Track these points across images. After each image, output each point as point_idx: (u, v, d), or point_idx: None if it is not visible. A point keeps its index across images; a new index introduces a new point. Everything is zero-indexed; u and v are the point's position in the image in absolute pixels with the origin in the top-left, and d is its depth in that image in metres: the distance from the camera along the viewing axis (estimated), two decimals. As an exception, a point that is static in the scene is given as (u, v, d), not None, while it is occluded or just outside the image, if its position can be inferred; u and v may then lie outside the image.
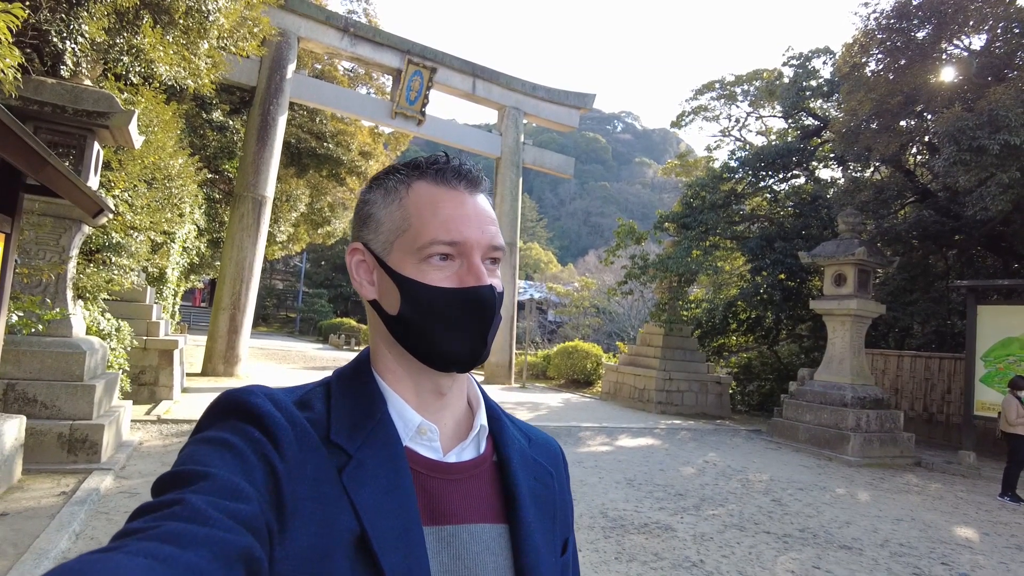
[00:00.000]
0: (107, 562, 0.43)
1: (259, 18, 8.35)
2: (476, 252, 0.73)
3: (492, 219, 0.76)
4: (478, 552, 0.70)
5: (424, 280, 0.72)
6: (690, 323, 15.63)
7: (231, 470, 0.57)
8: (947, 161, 9.34)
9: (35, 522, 4.26)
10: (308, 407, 0.71)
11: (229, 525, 0.51)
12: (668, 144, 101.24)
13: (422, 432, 0.73)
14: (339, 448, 0.67)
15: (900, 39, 10.62)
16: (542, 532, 0.76)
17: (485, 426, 0.80)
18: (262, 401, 0.66)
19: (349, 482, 0.65)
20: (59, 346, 5.81)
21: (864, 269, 11.15)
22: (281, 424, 0.64)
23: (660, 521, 5.80)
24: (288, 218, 19.04)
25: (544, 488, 0.81)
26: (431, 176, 0.74)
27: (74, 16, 5.82)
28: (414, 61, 15.66)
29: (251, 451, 0.60)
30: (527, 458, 0.81)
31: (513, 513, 0.74)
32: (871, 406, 10.62)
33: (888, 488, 8.13)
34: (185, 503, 0.51)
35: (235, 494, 0.55)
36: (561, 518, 0.82)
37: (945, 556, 5.42)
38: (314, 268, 44.76)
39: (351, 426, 0.70)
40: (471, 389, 0.84)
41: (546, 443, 0.89)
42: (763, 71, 17.91)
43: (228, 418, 0.65)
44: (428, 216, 0.72)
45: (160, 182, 7.82)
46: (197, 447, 0.61)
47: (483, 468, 0.77)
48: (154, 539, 0.47)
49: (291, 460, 0.62)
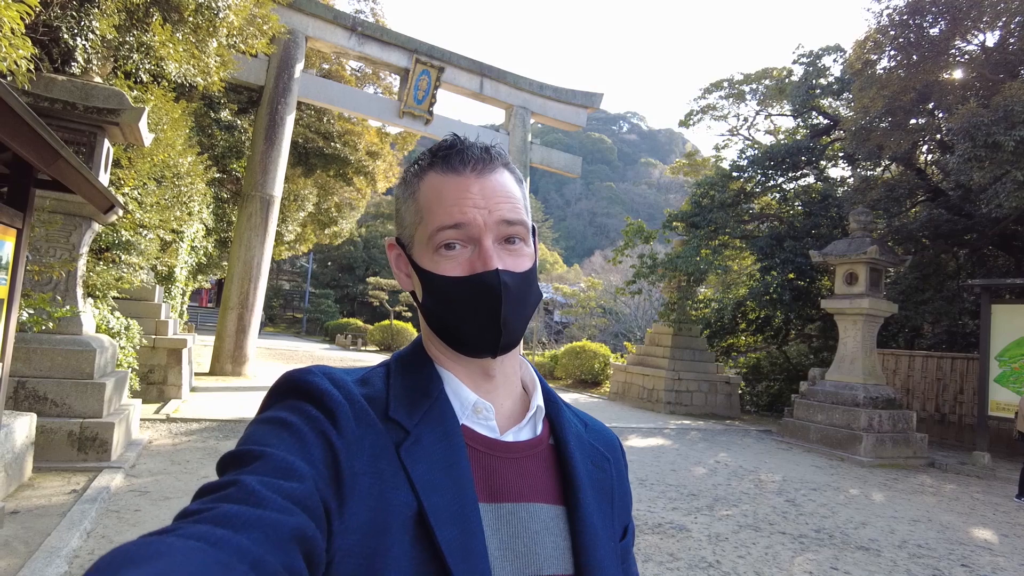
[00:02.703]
0: (161, 544, 0.43)
1: (268, 15, 8.32)
2: (486, 234, 0.72)
3: (506, 195, 0.74)
4: (537, 531, 0.70)
5: (436, 270, 0.72)
6: (699, 323, 15.53)
7: (287, 449, 0.59)
8: (961, 157, 9.24)
9: (46, 520, 4.23)
10: (368, 384, 0.72)
11: (282, 505, 0.51)
12: (674, 144, 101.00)
13: (477, 411, 0.74)
14: (397, 424, 0.68)
15: (913, 35, 10.51)
16: (600, 515, 0.75)
17: (542, 407, 0.80)
18: (320, 380, 0.67)
19: (407, 457, 0.65)
20: (69, 344, 5.79)
21: (876, 268, 11.04)
22: (339, 401, 0.65)
23: (674, 521, 5.73)
24: (296, 218, 19.05)
25: (601, 472, 0.80)
26: (440, 165, 0.74)
27: (85, 13, 5.80)
28: (422, 60, 15.64)
29: (309, 428, 0.61)
30: (584, 442, 0.81)
31: (571, 494, 0.74)
32: (883, 406, 10.51)
33: (902, 489, 8.04)
34: (240, 484, 0.52)
35: (289, 473, 0.55)
36: (620, 504, 0.81)
37: (965, 558, 5.34)
38: (321, 268, 44.80)
39: (409, 403, 0.71)
40: (526, 372, 0.84)
41: (602, 431, 0.88)
42: (772, 69, 17.79)
43: (287, 397, 0.66)
44: (435, 206, 0.73)
45: (169, 180, 7.80)
46: (257, 427, 0.63)
47: (540, 449, 0.77)
48: (208, 522, 0.48)
49: (349, 436, 0.63)
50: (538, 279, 0.79)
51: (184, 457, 6.53)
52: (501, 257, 0.72)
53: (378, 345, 30.08)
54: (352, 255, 42.82)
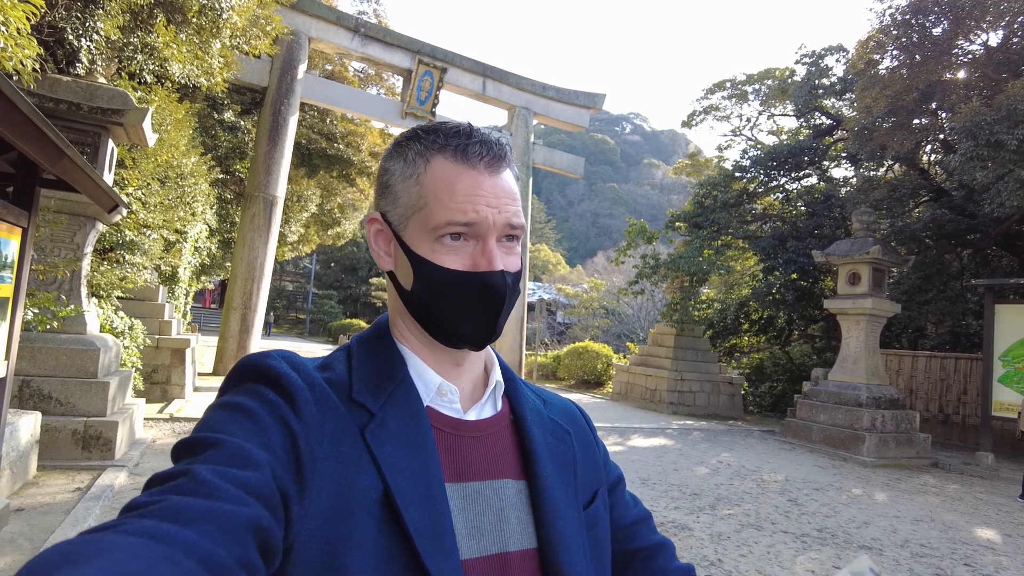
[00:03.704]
0: (101, 542, 0.41)
1: (272, 16, 8.36)
2: (492, 233, 0.71)
3: (513, 196, 0.74)
4: (502, 507, 0.70)
5: (437, 261, 0.71)
6: (702, 323, 15.53)
7: (244, 435, 0.57)
8: (964, 157, 9.23)
9: (50, 517, 4.26)
10: (329, 368, 0.71)
11: (236, 495, 0.50)
12: (677, 145, 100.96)
13: (442, 393, 0.74)
14: (361, 407, 0.67)
15: (916, 35, 10.50)
16: (562, 487, 0.76)
17: (501, 382, 0.81)
18: (278, 363, 0.66)
19: (372, 439, 0.65)
20: (74, 343, 5.82)
21: (879, 268, 11.03)
22: (298, 384, 0.64)
23: (676, 520, 5.74)
24: (299, 219, 19.09)
25: (560, 444, 0.81)
26: (451, 152, 0.72)
27: (90, 14, 5.84)
28: (424, 61, 15.67)
29: (267, 413, 0.61)
30: (542, 416, 0.82)
31: (530, 468, 0.75)
32: (886, 406, 10.50)
33: (905, 489, 8.02)
34: (191, 474, 0.51)
35: (245, 461, 0.54)
36: (585, 472, 0.81)
37: (968, 557, 5.33)
38: (324, 269, 44.87)
39: (374, 386, 0.70)
40: (486, 352, 0.85)
41: (563, 405, 0.89)
42: (775, 70, 17.79)
43: (245, 381, 0.65)
44: (445, 197, 0.70)
45: (173, 180, 7.84)
46: (214, 413, 0.61)
47: (502, 426, 0.77)
48: (155, 515, 0.46)
49: (309, 420, 0.62)
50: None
51: (188, 456, 6.55)
52: (501, 257, 0.72)
53: (381, 346, 30.04)
54: (355, 256, 42.89)
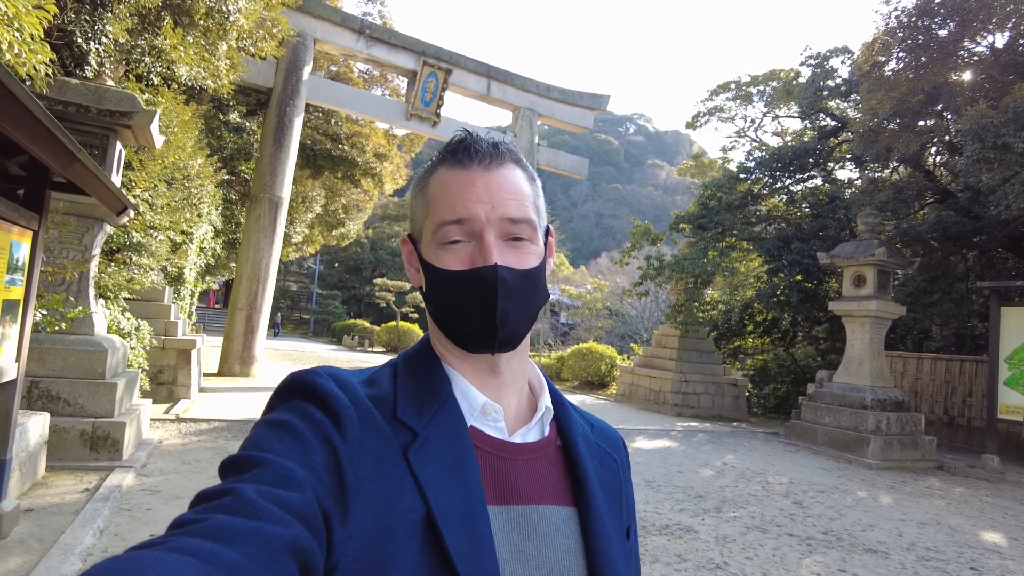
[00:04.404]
0: (148, 558, 0.43)
1: (278, 18, 8.39)
2: (489, 229, 0.71)
3: (513, 191, 0.73)
4: (548, 533, 0.70)
5: (439, 264, 0.72)
6: (706, 325, 15.50)
7: (288, 454, 0.58)
8: (970, 159, 9.20)
9: (60, 518, 4.29)
10: (375, 385, 0.71)
11: (278, 516, 0.51)
12: (681, 146, 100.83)
13: (486, 412, 0.73)
14: (405, 426, 0.67)
15: (922, 37, 10.48)
16: (610, 516, 0.76)
17: (550, 408, 0.80)
18: (325, 381, 0.66)
19: (415, 460, 0.64)
20: (82, 344, 5.85)
21: (884, 270, 11.01)
22: (343, 403, 0.64)
23: (681, 523, 5.74)
24: (303, 219, 19.14)
25: (609, 473, 0.81)
26: (448, 160, 0.74)
27: (98, 17, 5.88)
28: (429, 62, 15.70)
29: (311, 432, 0.61)
30: (591, 443, 0.81)
31: (582, 495, 0.74)
32: (891, 408, 10.47)
33: (911, 492, 8.01)
34: (236, 493, 0.52)
35: (288, 481, 0.55)
36: (626, 504, 0.82)
37: (974, 561, 5.32)
38: (328, 270, 44.95)
39: (418, 404, 0.70)
40: (533, 373, 0.84)
41: (607, 431, 0.89)
42: (780, 71, 17.77)
43: (292, 398, 0.66)
44: (440, 200, 0.72)
45: (180, 182, 7.87)
46: (260, 430, 0.62)
47: (549, 450, 0.77)
48: (200, 534, 0.47)
49: (352, 439, 0.62)
50: (545, 279, 0.78)
51: (194, 457, 6.58)
52: (503, 253, 0.71)
53: (385, 346, 30.15)
54: (359, 256, 42.96)
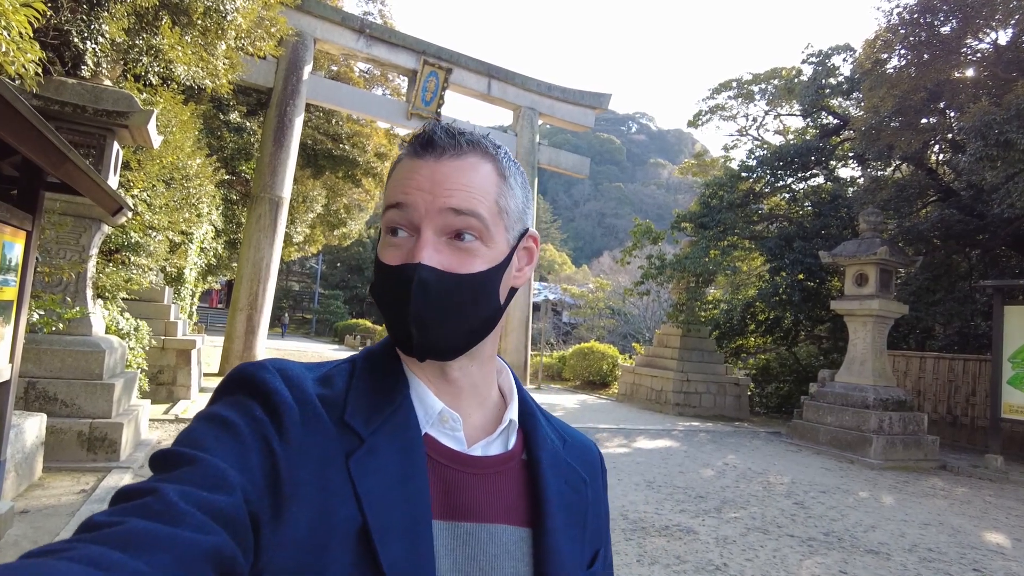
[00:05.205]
0: (41, 568, 0.39)
1: (276, 18, 8.36)
2: (427, 222, 0.65)
3: (463, 182, 0.66)
4: (496, 554, 0.66)
5: (380, 257, 0.69)
6: (708, 324, 15.47)
7: (223, 453, 0.55)
8: (973, 157, 9.14)
9: (55, 520, 4.27)
10: (328, 384, 0.67)
11: (200, 522, 0.48)
12: (683, 145, 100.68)
13: (444, 420, 0.69)
14: (352, 431, 0.63)
15: (924, 34, 10.42)
16: (568, 540, 0.70)
17: (515, 421, 0.74)
18: (271, 377, 0.63)
19: (356, 468, 0.60)
20: (79, 345, 5.84)
21: (886, 269, 10.95)
22: (287, 403, 0.61)
23: (681, 523, 5.71)
24: (304, 219, 19.13)
25: (575, 494, 0.75)
26: (408, 151, 0.70)
27: (95, 16, 5.85)
28: (429, 62, 15.67)
29: (250, 431, 0.58)
30: (559, 460, 0.76)
31: (539, 517, 0.69)
32: (894, 408, 10.42)
33: (913, 492, 7.96)
34: (158, 494, 0.49)
35: (218, 483, 0.52)
36: (593, 528, 0.76)
37: (976, 562, 5.28)
38: (330, 270, 45.00)
39: (368, 408, 0.65)
40: (504, 381, 0.79)
41: (584, 446, 0.83)
42: (781, 69, 17.71)
43: (235, 392, 0.62)
44: (389, 189, 0.69)
45: (178, 182, 7.85)
46: (198, 424, 0.59)
47: (510, 466, 0.72)
48: (108, 541, 0.44)
49: (293, 442, 0.59)
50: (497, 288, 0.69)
51: (192, 457, 6.56)
52: (438, 250, 0.65)
53: (386, 346, 30.17)
54: (361, 256, 42.99)
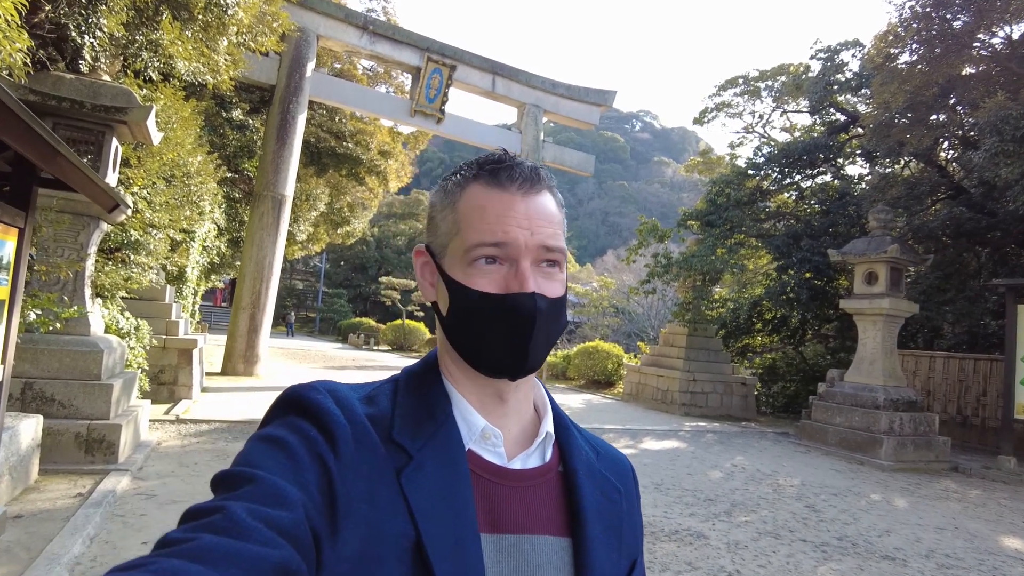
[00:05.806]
0: None
1: (278, 13, 8.25)
2: (525, 256, 0.70)
3: (550, 219, 0.72)
4: (539, 564, 0.68)
5: (469, 284, 0.70)
6: (714, 323, 15.30)
7: (280, 472, 0.57)
8: (988, 152, 8.98)
9: (49, 524, 4.16)
10: (374, 403, 0.70)
11: (267, 537, 0.50)
12: (687, 143, 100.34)
13: (486, 436, 0.72)
14: (400, 448, 0.66)
15: (936, 28, 10.24)
16: (606, 549, 0.73)
17: (551, 433, 0.77)
18: (323, 397, 0.66)
19: (407, 484, 0.63)
20: (77, 345, 5.73)
21: (896, 267, 10.79)
22: (339, 421, 0.64)
23: (691, 528, 5.57)
24: (308, 217, 19.03)
25: (610, 504, 0.77)
26: (484, 178, 0.72)
27: (92, 10, 5.74)
28: (433, 59, 15.54)
29: (305, 450, 0.60)
30: (594, 471, 0.79)
31: (577, 527, 0.72)
32: (904, 408, 10.27)
33: (926, 494, 7.81)
34: (226, 512, 0.51)
35: (279, 500, 0.54)
36: (628, 537, 0.78)
37: (996, 569, 5.13)
38: (334, 268, 44.97)
39: (414, 425, 0.69)
40: (538, 395, 0.81)
41: (616, 459, 0.85)
42: (788, 65, 17.52)
43: (288, 413, 0.65)
44: (476, 220, 0.71)
45: (179, 179, 7.74)
46: (253, 445, 0.62)
47: (548, 477, 0.74)
48: (185, 555, 0.46)
49: (346, 459, 0.62)
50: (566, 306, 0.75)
51: (193, 459, 6.46)
52: (536, 280, 0.70)
53: (390, 344, 30.12)
54: (365, 255, 42.94)
